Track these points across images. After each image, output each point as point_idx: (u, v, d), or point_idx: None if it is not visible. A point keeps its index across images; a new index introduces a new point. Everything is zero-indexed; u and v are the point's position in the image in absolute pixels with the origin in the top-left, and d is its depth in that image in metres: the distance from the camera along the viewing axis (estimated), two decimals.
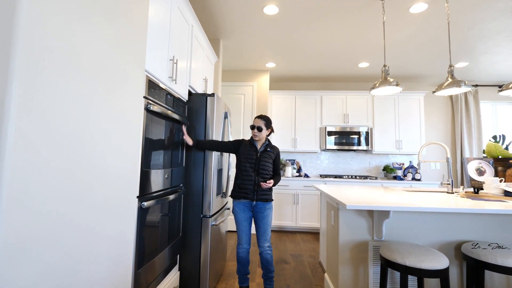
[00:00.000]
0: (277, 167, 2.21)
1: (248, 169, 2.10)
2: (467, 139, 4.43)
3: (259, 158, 2.11)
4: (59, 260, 0.79)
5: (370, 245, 1.92)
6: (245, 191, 2.09)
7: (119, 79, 1.10)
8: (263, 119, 2.13)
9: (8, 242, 0.63)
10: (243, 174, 2.11)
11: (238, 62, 3.88)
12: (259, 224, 2.09)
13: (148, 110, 1.45)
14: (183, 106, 2.04)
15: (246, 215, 2.10)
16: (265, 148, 2.15)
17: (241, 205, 2.10)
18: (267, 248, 2.08)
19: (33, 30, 0.68)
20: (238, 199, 2.11)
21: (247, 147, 2.15)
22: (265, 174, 2.11)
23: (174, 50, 1.85)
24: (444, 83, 2.17)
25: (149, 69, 1.46)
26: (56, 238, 0.78)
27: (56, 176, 0.77)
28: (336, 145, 4.26)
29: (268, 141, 2.21)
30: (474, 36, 2.95)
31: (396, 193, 2.28)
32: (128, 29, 1.17)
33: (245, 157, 2.12)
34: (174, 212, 1.89)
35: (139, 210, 1.37)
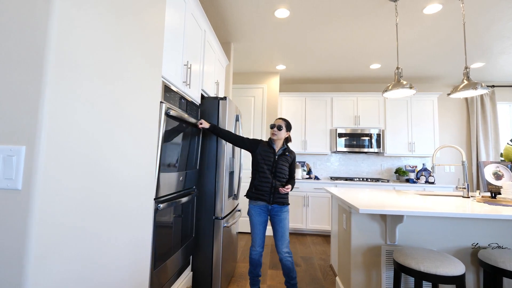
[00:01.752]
0: (293, 171, 2.20)
1: (266, 170, 2.09)
2: (483, 142, 4.32)
3: (276, 161, 2.10)
4: (80, 269, 0.83)
5: (383, 250, 1.91)
6: (261, 192, 2.08)
7: (138, 86, 1.14)
8: (284, 120, 2.16)
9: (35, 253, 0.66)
10: (260, 176, 2.09)
11: (249, 65, 3.91)
12: (277, 228, 2.06)
13: (168, 115, 1.49)
14: (196, 109, 2.07)
15: (261, 219, 2.08)
16: (283, 151, 2.14)
17: (257, 208, 2.09)
18: (287, 254, 2.03)
19: (62, 43, 0.72)
20: (254, 200, 2.10)
21: (265, 148, 2.13)
22: (281, 178, 2.09)
23: (188, 55, 1.89)
24: (459, 85, 2.13)
25: (165, 75, 1.50)
26: (77, 248, 0.81)
27: (76, 190, 0.81)
28: (346, 147, 4.23)
29: (287, 145, 2.20)
30: (490, 36, 2.89)
31: (409, 196, 2.25)
32: (146, 37, 1.21)
33: (263, 158, 2.11)
34: (187, 213, 1.93)
35: (155, 212, 1.41)
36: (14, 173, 0.64)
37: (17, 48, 0.69)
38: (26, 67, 0.68)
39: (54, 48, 0.69)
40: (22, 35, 0.69)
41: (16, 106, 0.67)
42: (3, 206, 0.65)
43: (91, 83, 0.85)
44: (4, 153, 0.65)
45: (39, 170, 0.65)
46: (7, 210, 0.65)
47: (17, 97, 0.67)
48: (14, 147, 0.65)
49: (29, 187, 0.64)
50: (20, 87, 0.68)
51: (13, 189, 0.64)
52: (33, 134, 0.66)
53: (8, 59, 0.69)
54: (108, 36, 0.92)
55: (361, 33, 2.87)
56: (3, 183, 0.64)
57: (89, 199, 0.85)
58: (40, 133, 0.66)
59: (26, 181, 0.64)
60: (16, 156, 0.65)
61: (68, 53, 0.74)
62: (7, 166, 0.64)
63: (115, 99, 0.97)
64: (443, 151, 4.48)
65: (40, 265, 0.66)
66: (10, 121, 0.67)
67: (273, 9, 2.44)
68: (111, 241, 0.98)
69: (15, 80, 0.68)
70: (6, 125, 0.67)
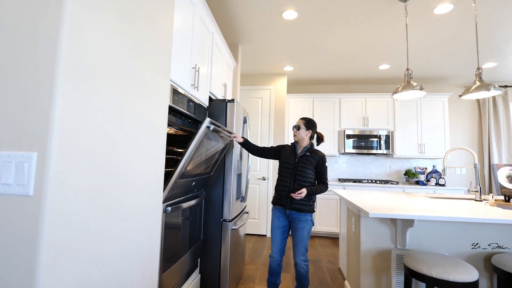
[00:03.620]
0: (321, 174, 2.02)
1: (285, 174, 2.01)
2: (495, 143, 4.21)
3: (296, 164, 1.99)
4: (93, 268, 0.83)
5: (393, 254, 1.87)
6: (279, 197, 2.01)
7: (147, 90, 1.15)
8: (304, 119, 2.09)
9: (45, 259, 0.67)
10: (281, 180, 2.03)
11: (256, 66, 3.91)
12: (294, 235, 1.98)
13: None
14: (204, 112, 2.08)
15: (280, 223, 2.00)
16: (304, 153, 2.01)
17: (277, 211, 2.04)
18: (302, 261, 1.94)
19: (73, 49, 0.73)
20: (274, 204, 2.06)
21: (288, 152, 2.07)
22: (303, 181, 1.95)
23: (196, 58, 1.90)
24: (471, 87, 2.08)
25: (173, 78, 1.50)
26: (89, 249, 0.82)
27: (87, 194, 0.82)
28: (355, 149, 4.18)
29: (311, 145, 2.07)
30: (503, 36, 2.81)
31: (420, 199, 2.21)
32: (155, 40, 1.21)
33: (284, 162, 2.05)
34: (195, 216, 1.93)
35: (164, 215, 1.41)
36: (25, 179, 0.65)
37: (28, 54, 0.70)
38: (38, 73, 0.69)
39: (65, 54, 0.70)
40: (33, 40, 0.70)
41: (28, 112, 0.68)
42: (15, 212, 0.66)
43: (103, 89, 0.85)
44: (16, 159, 0.66)
45: (50, 176, 0.66)
46: (19, 216, 0.65)
47: (29, 104, 0.68)
48: (26, 153, 0.66)
49: (41, 193, 0.65)
50: (32, 93, 0.68)
51: (25, 195, 0.65)
52: (45, 141, 0.66)
53: (19, 65, 0.70)
54: (118, 41, 0.93)
55: (370, 33, 2.83)
56: (15, 189, 0.65)
57: (100, 202, 0.86)
58: (51, 139, 0.67)
59: (38, 187, 0.65)
60: (28, 162, 0.65)
61: (80, 59, 0.75)
62: (19, 172, 0.65)
63: (125, 103, 0.98)
64: (454, 153, 4.38)
65: (51, 269, 0.67)
66: (22, 128, 0.68)
67: (281, 11, 2.43)
68: (124, 239, 0.98)
69: (26, 86, 0.69)
70: (18, 132, 0.68)
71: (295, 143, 2.11)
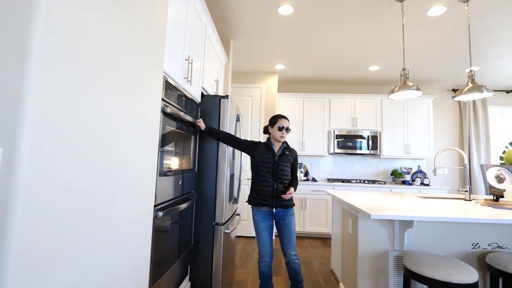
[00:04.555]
0: (295, 171, 2.06)
1: (266, 174, 1.95)
2: (475, 145, 4.37)
3: (276, 163, 1.96)
4: (78, 277, 0.71)
5: (391, 255, 1.85)
6: (263, 197, 1.94)
7: (138, 82, 1.02)
8: (288, 119, 2.03)
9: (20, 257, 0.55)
10: (261, 180, 1.96)
11: (247, 64, 3.81)
12: (282, 232, 1.94)
13: (165, 113, 1.37)
14: (196, 108, 1.96)
15: (266, 224, 1.95)
16: (283, 151, 2.00)
17: (261, 214, 1.96)
18: (294, 257, 1.93)
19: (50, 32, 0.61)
20: (257, 206, 1.97)
21: (264, 150, 2.00)
22: (283, 180, 1.95)
23: (189, 50, 1.78)
24: (464, 88, 2.11)
25: (166, 70, 1.38)
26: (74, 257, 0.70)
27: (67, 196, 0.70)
28: (344, 149, 4.19)
29: (286, 144, 2.06)
30: (489, 41, 2.90)
31: (413, 200, 2.21)
32: (147, 28, 1.09)
33: (262, 161, 1.97)
34: (186, 220, 1.81)
35: (155, 221, 1.29)
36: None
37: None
38: (7, 58, 0.56)
39: (40, 37, 0.58)
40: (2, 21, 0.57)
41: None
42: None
43: (87, 80, 0.73)
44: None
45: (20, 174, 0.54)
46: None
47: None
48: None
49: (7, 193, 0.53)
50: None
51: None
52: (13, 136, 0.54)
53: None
54: (107, 27, 0.81)
55: (363, 33, 2.82)
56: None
57: (84, 207, 0.73)
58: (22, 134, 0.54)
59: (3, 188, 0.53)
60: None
61: (60, 44, 0.63)
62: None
63: (111, 96, 0.86)
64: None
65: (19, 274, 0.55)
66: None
67: (277, 5, 2.35)
68: (113, 250, 0.86)
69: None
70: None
71: (270, 141, 2.04)
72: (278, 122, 1.99)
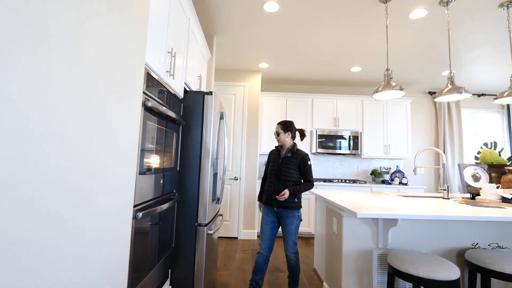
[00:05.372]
0: (305, 173, 2.10)
1: (271, 176, 2.15)
2: (449, 146, 4.58)
3: (280, 165, 2.13)
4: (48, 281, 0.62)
5: (375, 254, 1.86)
6: (267, 197, 2.14)
7: (118, 74, 0.93)
8: (280, 123, 2.17)
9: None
10: (268, 181, 2.18)
11: (231, 61, 3.74)
12: (283, 231, 2.10)
13: (146, 107, 1.28)
14: (178, 104, 1.87)
15: (269, 219, 2.12)
16: (286, 154, 2.13)
17: (267, 209, 2.16)
18: (291, 253, 2.06)
19: None
20: (264, 204, 2.19)
21: (274, 156, 2.21)
22: (287, 181, 2.07)
23: (172, 42, 1.69)
24: (444, 89, 2.17)
25: (149, 62, 1.29)
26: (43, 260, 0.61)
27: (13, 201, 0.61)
28: (325, 149, 4.23)
29: (293, 146, 2.16)
30: (465, 46, 3.03)
31: (394, 198, 2.25)
32: (128, 14, 1.00)
33: (270, 164, 2.21)
34: (167, 221, 1.71)
35: (134, 222, 1.20)
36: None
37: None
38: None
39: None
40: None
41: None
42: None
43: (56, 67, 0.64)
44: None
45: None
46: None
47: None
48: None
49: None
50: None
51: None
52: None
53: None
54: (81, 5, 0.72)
55: (347, 34, 2.85)
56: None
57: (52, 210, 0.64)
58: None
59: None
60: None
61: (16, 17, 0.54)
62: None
63: (82, 84, 0.77)
64: (415, 154, 4.68)
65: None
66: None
67: (262, 1, 2.31)
68: (87, 256, 0.77)
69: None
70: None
71: (280, 146, 2.22)
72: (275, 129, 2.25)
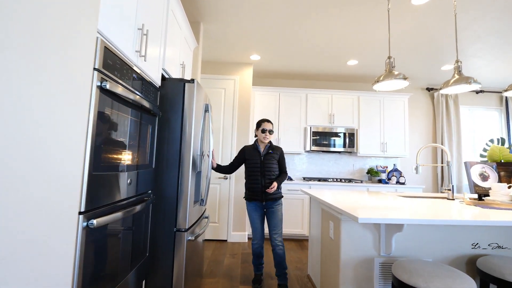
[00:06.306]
0: (282, 165, 2.33)
1: (255, 173, 2.23)
2: (447, 143, 4.43)
3: (263, 162, 2.24)
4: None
5: (376, 262, 1.65)
6: (254, 193, 2.23)
7: (51, 36, 0.70)
8: (271, 122, 2.32)
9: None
10: (251, 178, 2.25)
11: (220, 52, 3.50)
12: (270, 219, 2.23)
13: (103, 90, 1.04)
14: (154, 92, 1.63)
15: (258, 214, 2.26)
16: (267, 151, 2.28)
17: (253, 205, 2.26)
18: (279, 243, 2.18)
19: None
20: (249, 201, 2.27)
21: (252, 152, 2.28)
22: (270, 176, 2.23)
23: (145, 18, 1.45)
24: (450, 80, 1.98)
25: (105, 31, 1.05)
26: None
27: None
28: (320, 146, 4.03)
29: (270, 143, 2.33)
30: (467, 37, 2.86)
31: (395, 199, 2.05)
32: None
33: (251, 162, 2.26)
34: (139, 227, 1.47)
35: (86, 232, 0.96)
36: None
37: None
38: None
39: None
40: None
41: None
42: None
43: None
44: None
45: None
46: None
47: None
48: None
49: None
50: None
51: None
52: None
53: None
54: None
55: (345, 23, 2.64)
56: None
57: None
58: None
59: None
60: None
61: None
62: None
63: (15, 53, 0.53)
64: (412, 152, 4.52)
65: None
66: None
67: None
68: None
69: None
70: None
71: (257, 144, 2.31)
72: (262, 125, 2.29)
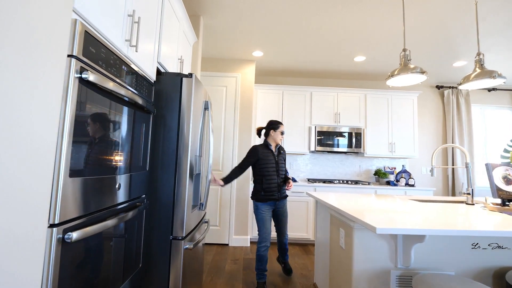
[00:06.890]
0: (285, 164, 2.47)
1: (271, 172, 2.24)
2: (458, 143, 4.25)
3: (277, 161, 2.30)
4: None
5: (393, 275, 1.49)
6: (271, 193, 2.24)
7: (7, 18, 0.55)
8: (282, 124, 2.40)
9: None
10: (267, 178, 2.24)
11: (221, 48, 3.35)
12: (281, 218, 2.35)
13: (83, 81, 0.89)
14: (148, 87, 1.48)
15: (270, 214, 2.26)
16: (279, 150, 2.37)
17: (267, 205, 2.25)
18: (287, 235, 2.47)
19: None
20: (265, 201, 2.25)
21: (265, 152, 2.28)
22: (282, 174, 2.32)
23: (135, 5, 1.30)
24: (471, 74, 1.82)
25: (84, 13, 0.90)
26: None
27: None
28: (325, 147, 3.87)
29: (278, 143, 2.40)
30: (483, 29, 2.68)
31: (410, 204, 1.89)
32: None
33: (266, 162, 2.25)
34: (131, 235, 1.33)
35: (61, 248, 0.81)
36: None
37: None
38: None
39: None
40: None
41: None
42: None
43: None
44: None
45: None
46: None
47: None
48: None
49: None
50: None
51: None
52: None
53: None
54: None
55: (354, 16, 2.48)
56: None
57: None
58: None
59: None
60: None
61: None
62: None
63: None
64: (421, 153, 4.34)
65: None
66: None
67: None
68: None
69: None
70: None
71: (268, 143, 2.33)
72: (280, 127, 2.34)
